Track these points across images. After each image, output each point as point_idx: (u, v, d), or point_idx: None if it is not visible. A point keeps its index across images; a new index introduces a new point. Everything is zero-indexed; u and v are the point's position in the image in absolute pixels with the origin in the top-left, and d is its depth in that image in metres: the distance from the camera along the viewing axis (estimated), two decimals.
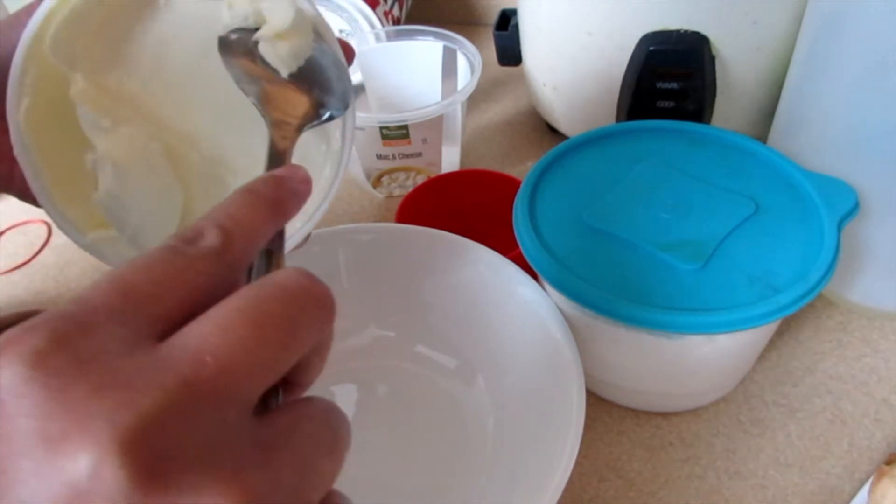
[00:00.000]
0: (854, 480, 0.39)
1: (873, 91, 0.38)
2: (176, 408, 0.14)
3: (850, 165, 0.41)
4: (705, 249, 0.37)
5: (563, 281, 0.36)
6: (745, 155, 0.43)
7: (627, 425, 0.42)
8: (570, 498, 0.39)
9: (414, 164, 0.59)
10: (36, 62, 0.27)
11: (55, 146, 0.28)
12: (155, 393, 0.14)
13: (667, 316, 0.34)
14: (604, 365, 0.40)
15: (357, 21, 0.65)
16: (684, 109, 0.51)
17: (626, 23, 0.48)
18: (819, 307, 0.47)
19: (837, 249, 0.36)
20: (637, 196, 0.41)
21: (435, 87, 0.62)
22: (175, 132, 0.29)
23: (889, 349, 0.45)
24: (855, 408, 0.42)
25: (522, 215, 0.40)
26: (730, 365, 0.40)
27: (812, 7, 0.42)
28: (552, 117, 0.60)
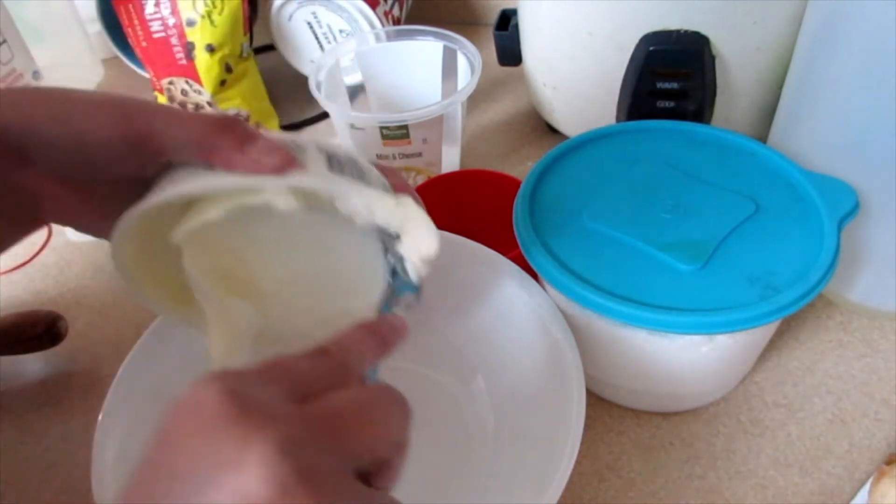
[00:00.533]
0: (854, 480, 0.39)
1: (873, 91, 0.38)
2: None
3: (850, 165, 0.41)
4: (705, 249, 0.37)
5: (563, 281, 0.36)
6: (745, 155, 0.43)
7: (627, 425, 0.42)
8: (570, 498, 0.39)
9: (414, 164, 0.59)
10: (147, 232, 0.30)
11: (151, 268, 0.31)
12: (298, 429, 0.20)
13: (667, 316, 0.34)
14: (604, 365, 0.40)
15: (357, 21, 0.65)
16: (684, 109, 0.51)
17: (627, 23, 0.48)
18: (819, 307, 0.47)
19: (837, 249, 0.36)
20: (637, 196, 0.41)
21: (435, 87, 0.62)
22: (267, 291, 0.34)
23: (889, 349, 0.45)
24: (855, 408, 0.42)
25: (522, 215, 0.40)
26: (730, 365, 0.40)
27: (812, 7, 0.42)
28: (552, 117, 0.60)
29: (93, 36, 0.78)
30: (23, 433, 0.45)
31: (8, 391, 0.48)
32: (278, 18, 0.66)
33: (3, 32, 0.65)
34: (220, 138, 0.27)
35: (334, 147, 0.29)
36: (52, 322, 0.48)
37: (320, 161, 0.28)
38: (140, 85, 0.76)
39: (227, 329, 0.32)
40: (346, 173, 0.28)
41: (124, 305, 0.53)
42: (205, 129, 0.28)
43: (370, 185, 0.29)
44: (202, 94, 0.63)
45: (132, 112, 0.28)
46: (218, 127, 0.28)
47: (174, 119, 0.28)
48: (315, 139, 0.30)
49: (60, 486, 0.42)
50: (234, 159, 0.27)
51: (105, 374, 0.48)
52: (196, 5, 0.60)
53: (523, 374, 0.40)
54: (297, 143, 0.29)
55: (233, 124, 0.28)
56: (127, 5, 0.62)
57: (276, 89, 0.70)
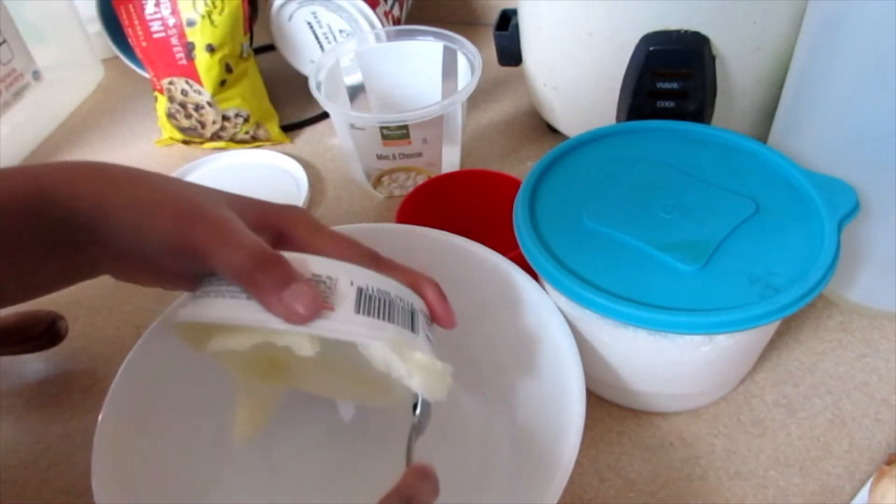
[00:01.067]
0: (854, 481, 0.39)
1: (873, 91, 0.38)
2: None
3: (850, 165, 0.41)
4: (705, 249, 0.37)
5: (563, 281, 0.36)
6: (746, 155, 0.43)
7: (628, 425, 0.42)
8: (571, 498, 0.39)
9: (414, 165, 0.59)
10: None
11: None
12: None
13: (667, 316, 0.34)
14: (604, 365, 0.40)
15: (357, 21, 0.65)
16: (684, 109, 0.51)
17: (627, 23, 0.48)
18: (819, 307, 0.47)
19: (838, 249, 0.36)
20: (637, 196, 0.41)
21: (435, 87, 0.62)
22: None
23: (889, 349, 0.45)
24: (855, 408, 0.42)
25: (522, 215, 0.40)
26: (730, 365, 0.40)
27: (812, 7, 0.42)
28: (552, 117, 0.60)
29: (93, 36, 0.78)
30: (23, 433, 0.45)
31: (8, 391, 0.48)
32: (278, 18, 0.66)
33: (3, 32, 0.65)
34: (260, 275, 0.29)
35: (366, 277, 0.31)
36: (52, 322, 0.48)
37: (350, 300, 0.29)
38: (140, 85, 0.76)
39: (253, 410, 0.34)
40: (373, 310, 0.30)
41: (124, 305, 0.53)
42: (248, 263, 0.29)
43: (394, 321, 0.30)
44: (202, 94, 0.63)
45: (191, 223, 0.30)
46: (260, 263, 0.29)
47: (226, 242, 0.30)
48: (349, 267, 0.31)
49: (60, 486, 0.42)
50: (270, 301, 0.28)
51: (105, 374, 0.48)
52: (196, 5, 0.60)
53: (523, 373, 0.40)
54: (331, 275, 0.30)
55: (273, 264, 0.29)
56: (127, 5, 0.62)
57: (276, 89, 0.70)
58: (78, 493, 0.42)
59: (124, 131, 0.73)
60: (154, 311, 0.39)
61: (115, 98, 0.78)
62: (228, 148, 0.67)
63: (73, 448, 0.44)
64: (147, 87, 0.70)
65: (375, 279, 0.31)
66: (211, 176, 0.64)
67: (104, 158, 0.68)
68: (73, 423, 0.46)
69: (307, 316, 0.28)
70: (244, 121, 0.65)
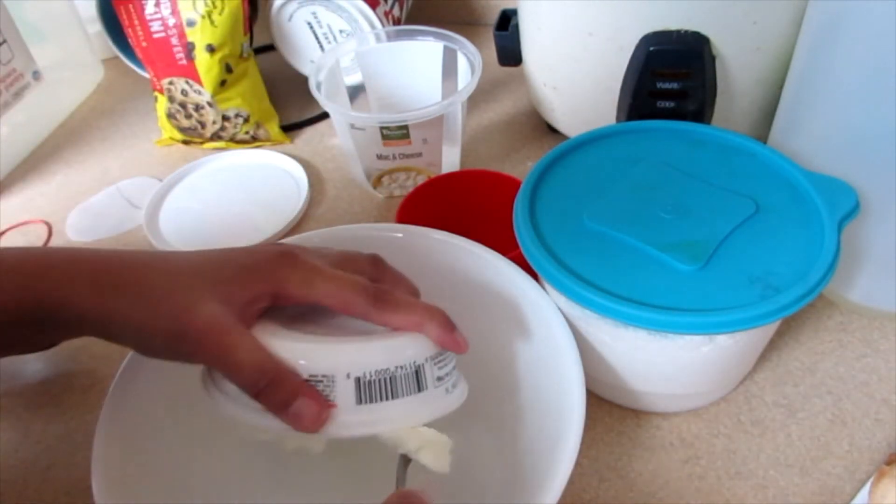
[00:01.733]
0: (855, 481, 0.39)
1: (873, 91, 0.38)
2: None
3: (850, 165, 0.41)
4: (705, 249, 0.37)
5: (563, 281, 0.36)
6: (746, 155, 0.43)
7: (628, 426, 0.42)
8: (571, 498, 0.39)
9: (414, 165, 0.59)
10: None
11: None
12: None
13: (667, 316, 0.34)
14: (604, 365, 0.40)
15: (357, 21, 0.65)
16: (684, 109, 0.51)
17: (627, 23, 0.48)
18: (819, 307, 0.47)
19: (838, 250, 0.36)
20: (637, 196, 0.41)
21: (435, 87, 0.62)
22: None
23: (889, 349, 0.45)
24: (855, 408, 0.42)
25: (523, 215, 0.40)
26: (730, 365, 0.40)
27: (812, 7, 0.42)
28: (552, 117, 0.60)
29: (93, 36, 0.78)
30: (23, 433, 0.45)
31: (8, 391, 0.48)
32: (278, 18, 0.66)
33: (3, 32, 0.65)
34: (264, 396, 0.30)
35: (362, 362, 0.31)
36: None
37: (350, 394, 0.30)
38: (140, 85, 0.76)
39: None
40: (375, 395, 0.31)
41: None
42: (251, 388, 0.30)
43: (398, 395, 0.31)
44: (202, 95, 0.63)
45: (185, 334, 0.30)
46: (263, 385, 0.30)
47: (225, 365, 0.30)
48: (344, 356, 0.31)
49: (60, 486, 0.42)
50: (280, 415, 0.30)
51: (105, 374, 0.48)
52: (196, 5, 0.60)
53: (523, 373, 0.40)
54: (327, 373, 0.30)
55: (275, 383, 0.30)
56: (127, 5, 0.62)
57: (276, 89, 0.70)
58: (78, 493, 0.42)
59: (124, 131, 0.73)
60: None
61: (115, 98, 0.78)
62: (228, 148, 0.67)
63: (73, 448, 0.44)
64: (147, 87, 0.70)
65: (371, 359, 0.31)
66: (211, 176, 0.64)
67: (104, 159, 0.69)
68: (73, 423, 0.46)
69: (314, 426, 0.30)
70: (244, 121, 0.65)
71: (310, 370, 0.30)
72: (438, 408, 0.32)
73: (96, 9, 0.72)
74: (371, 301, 0.32)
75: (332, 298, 0.32)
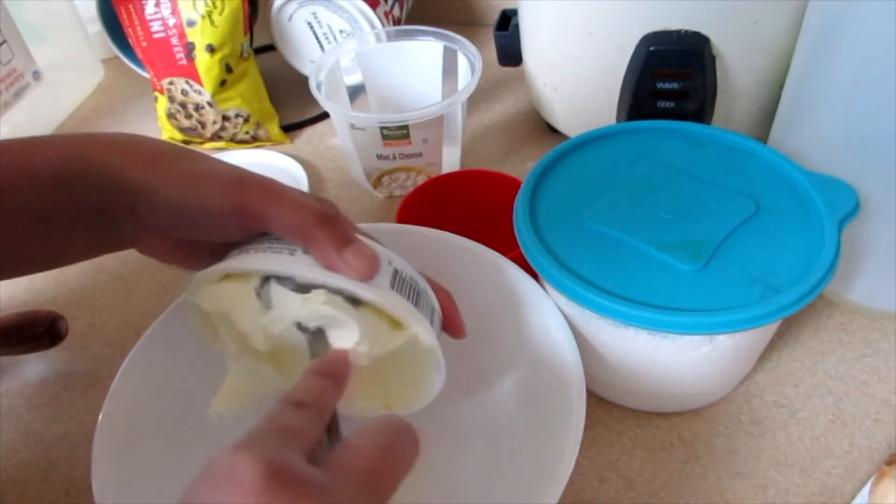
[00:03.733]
0: (855, 481, 0.39)
1: (873, 91, 0.38)
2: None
3: (851, 165, 0.41)
4: (705, 250, 0.37)
5: (563, 281, 0.36)
6: (746, 155, 0.43)
7: (628, 426, 0.42)
8: (571, 498, 0.39)
9: (414, 165, 0.59)
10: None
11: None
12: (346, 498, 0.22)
13: (667, 316, 0.34)
14: (604, 365, 0.40)
15: (357, 21, 0.65)
16: (685, 109, 0.51)
17: (627, 23, 0.48)
18: (819, 307, 0.47)
19: (838, 250, 0.36)
20: (637, 196, 0.41)
21: (435, 87, 0.62)
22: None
23: (890, 349, 0.45)
24: (856, 408, 0.42)
25: (523, 215, 0.40)
26: (730, 365, 0.40)
27: (812, 7, 0.42)
28: (552, 117, 0.60)
29: (93, 36, 0.78)
30: (23, 433, 0.45)
31: (8, 391, 0.48)
32: (278, 18, 0.66)
33: (3, 32, 0.65)
34: (322, 232, 0.29)
35: (401, 263, 0.32)
36: (52, 322, 0.48)
37: (387, 276, 0.31)
38: (140, 85, 0.76)
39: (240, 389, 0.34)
40: (405, 291, 0.31)
41: (124, 305, 0.53)
42: (309, 220, 0.30)
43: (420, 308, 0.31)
44: (202, 95, 0.63)
45: (243, 188, 0.30)
46: (320, 220, 0.30)
47: (282, 202, 0.30)
48: (387, 250, 0.32)
49: (60, 486, 0.42)
50: (332, 258, 0.29)
51: (105, 374, 0.48)
52: (196, 5, 0.60)
53: (523, 374, 0.40)
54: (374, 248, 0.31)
55: (333, 221, 0.30)
56: (127, 5, 0.62)
57: (276, 89, 0.70)
58: (78, 493, 0.42)
59: (124, 131, 0.72)
60: (154, 311, 0.39)
61: (115, 98, 0.78)
62: (228, 148, 0.67)
63: (73, 448, 0.44)
64: (147, 87, 0.70)
65: (409, 268, 0.32)
66: None
67: None
68: (73, 423, 0.46)
69: (367, 273, 0.29)
70: (244, 121, 0.65)
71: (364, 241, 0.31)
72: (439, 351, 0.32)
73: (96, 9, 0.72)
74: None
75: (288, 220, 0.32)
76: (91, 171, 0.31)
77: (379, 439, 0.25)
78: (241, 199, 0.30)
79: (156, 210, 0.31)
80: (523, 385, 0.40)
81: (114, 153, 0.31)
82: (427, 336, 0.31)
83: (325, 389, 0.28)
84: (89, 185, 0.31)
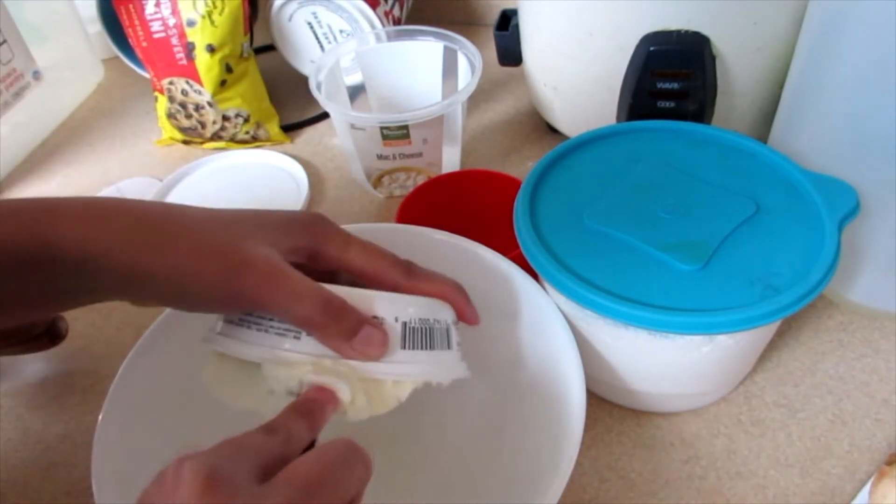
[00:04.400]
0: (855, 481, 0.39)
1: (874, 91, 0.38)
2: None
3: (851, 165, 0.41)
4: (706, 250, 0.37)
5: (563, 281, 0.36)
6: (746, 155, 0.43)
7: (628, 426, 0.42)
8: (571, 498, 0.39)
9: (414, 165, 0.59)
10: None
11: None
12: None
13: (667, 316, 0.34)
14: (604, 365, 0.40)
15: (357, 21, 0.65)
16: (685, 109, 0.51)
17: (627, 23, 0.48)
18: (820, 307, 0.47)
19: (838, 250, 0.36)
20: (637, 196, 0.41)
21: (435, 87, 0.62)
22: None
23: (890, 349, 0.45)
24: (856, 408, 0.42)
25: (523, 215, 0.40)
26: (730, 365, 0.40)
27: (812, 7, 0.42)
28: (552, 117, 0.60)
29: (93, 36, 0.78)
30: (23, 433, 0.45)
31: (8, 391, 0.48)
32: (278, 18, 0.66)
33: (3, 32, 0.65)
34: (332, 326, 0.29)
35: (408, 309, 0.31)
36: (52, 322, 0.48)
37: (397, 337, 0.31)
38: (140, 85, 0.76)
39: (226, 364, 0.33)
40: (416, 342, 0.31)
41: (124, 305, 0.53)
42: (317, 315, 0.29)
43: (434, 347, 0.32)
44: (202, 95, 0.63)
45: (239, 275, 0.29)
46: (329, 314, 0.29)
47: (284, 294, 0.29)
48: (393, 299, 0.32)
49: (60, 486, 0.42)
50: (341, 349, 0.29)
51: (105, 374, 0.48)
52: (196, 5, 0.60)
53: (523, 374, 0.40)
54: (377, 314, 0.31)
55: (341, 313, 0.29)
56: (127, 5, 0.62)
57: (276, 89, 0.70)
58: (78, 493, 0.42)
59: (124, 131, 0.73)
60: (154, 311, 0.39)
61: (115, 98, 0.78)
62: (228, 148, 0.67)
63: (73, 448, 0.44)
64: (147, 87, 0.70)
65: (416, 309, 0.32)
66: (211, 176, 0.64)
67: (104, 159, 0.69)
68: (73, 423, 0.46)
69: (379, 352, 0.30)
70: (244, 121, 0.65)
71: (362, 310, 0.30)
72: (460, 369, 0.33)
73: (96, 9, 0.72)
74: (403, 271, 0.33)
75: (366, 265, 0.33)
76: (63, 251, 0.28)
77: (324, 458, 0.25)
78: (238, 287, 0.29)
79: (147, 295, 0.30)
80: (523, 385, 0.40)
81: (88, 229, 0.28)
82: (444, 377, 0.31)
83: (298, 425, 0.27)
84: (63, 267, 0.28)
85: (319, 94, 0.54)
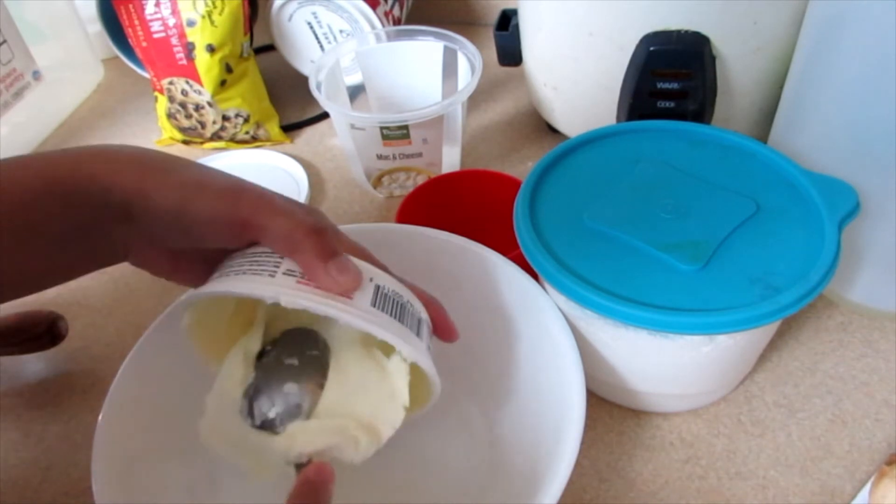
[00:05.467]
0: (855, 481, 0.39)
1: (873, 91, 0.38)
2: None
3: (851, 165, 0.41)
4: (706, 250, 0.37)
5: (563, 281, 0.36)
6: (746, 155, 0.43)
7: (628, 426, 0.42)
8: (571, 498, 0.39)
9: (414, 165, 0.59)
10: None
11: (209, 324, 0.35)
12: None
13: (667, 316, 0.34)
14: (604, 365, 0.40)
15: (357, 21, 0.65)
16: (685, 110, 0.51)
17: (627, 23, 0.48)
18: (820, 307, 0.47)
19: (838, 250, 0.36)
20: (637, 196, 0.41)
21: (435, 87, 0.62)
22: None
23: (890, 349, 0.45)
24: (856, 408, 0.42)
25: (523, 215, 0.40)
26: (730, 365, 0.40)
27: (812, 7, 0.42)
28: (552, 117, 0.60)
29: (93, 36, 0.78)
30: (23, 433, 0.45)
31: (8, 391, 0.48)
32: (278, 18, 0.66)
33: (3, 32, 0.65)
34: (308, 242, 0.30)
35: (384, 278, 0.32)
36: (52, 322, 0.48)
37: (368, 293, 0.31)
38: (140, 85, 0.76)
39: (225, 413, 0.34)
40: (387, 307, 0.31)
41: (124, 305, 0.53)
42: (298, 231, 0.30)
43: (404, 323, 0.31)
44: (202, 94, 0.63)
45: (237, 198, 0.31)
46: (309, 230, 0.30)
47: (275, 213, 0.31)
48: (369, 267, 0.32)
49: (60, 487, 0.42)
50: (316, 269, 0.30)
51: (105, 374, 0.48)
52: (196, 5, 0.60)
53: (523, 373, 0.40)
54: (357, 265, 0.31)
55: (322, 233, 0.30)
56: (127, 5, 0.62)
57: (276, 89, 0.70)
58: (78, 493, 0.42)
59: (124, 131, 0.73)
60: (154, 311, 0.39)
61: (115, 98, 0.78)
62: (228, 148, 0.67)
63: (73, 448, 0.44)
64: (147, 87, 0.70)
65: (392, 282, 0.32)
66: None
67: None
68: (73, 423, 0.46)
69: (348, 288, 0.30)
70: (244, 121, 0.65)
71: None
72: (428, 363, 0.32)
73: (96, 9, 0.72)
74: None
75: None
76: (82, 183, 0.31)
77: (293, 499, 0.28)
78: (235, 207, 0.31)
79: (151, 219, 0.31)
80: (523, 385, 0.40)
81: (104, 165, 0.31)
82: (410, 351, 0.30)
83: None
84: (81, 198, 0.31)
85: (319, 94, 0.54)
